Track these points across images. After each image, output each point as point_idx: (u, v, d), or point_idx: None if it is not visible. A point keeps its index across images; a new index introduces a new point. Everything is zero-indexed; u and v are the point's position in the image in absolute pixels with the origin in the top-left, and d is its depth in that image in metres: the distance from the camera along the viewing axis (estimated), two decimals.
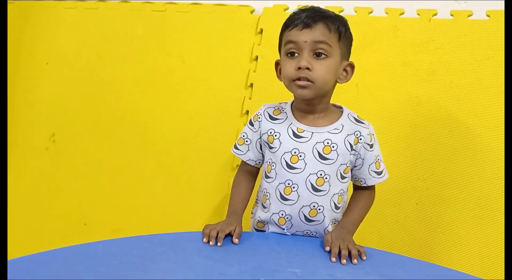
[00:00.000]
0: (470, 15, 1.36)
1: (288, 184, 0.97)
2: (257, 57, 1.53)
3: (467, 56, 1.33)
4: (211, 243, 0.88)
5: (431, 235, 1.29)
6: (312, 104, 0.98)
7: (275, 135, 0.99)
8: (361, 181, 1.02)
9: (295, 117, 1.00)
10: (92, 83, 1.72)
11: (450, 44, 1.35)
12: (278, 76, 1.01)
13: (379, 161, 1.01)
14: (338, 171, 0.97)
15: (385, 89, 1.39)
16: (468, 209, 1.27)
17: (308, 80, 0.92)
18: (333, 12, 0.96)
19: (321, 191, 0.97)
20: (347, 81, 0.99)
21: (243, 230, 0.95)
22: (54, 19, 1.82)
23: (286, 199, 0.98)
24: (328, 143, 0.96)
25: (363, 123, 0.99)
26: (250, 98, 1.50)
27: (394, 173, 1.33)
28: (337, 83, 0.99)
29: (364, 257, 0.87)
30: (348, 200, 1.05)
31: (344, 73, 0.99)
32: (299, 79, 0.93)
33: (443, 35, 1.36)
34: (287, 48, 0.94)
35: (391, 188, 1.34)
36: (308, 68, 0.91)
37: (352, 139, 0.97)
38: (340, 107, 1.03)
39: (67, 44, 1.79)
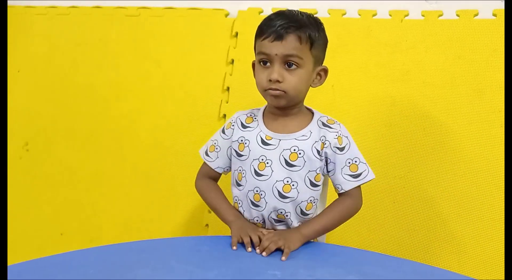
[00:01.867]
0: (441, 15, 1.39)
1: (257, 191, 0.98)
2: (233, 60, 1.53)
3: (439, 56, 1.36)
4: (249, 249, 0.88)
5: (409, 233, 1.31)
6: (285, 109, 0.99)
7: (245, 143, 1.00)
8: (338, 187, 0.99)
9: (265, 123, 1.00)
10: (65, 90, 1.69)
11: (423, 44, 1.38)
12: (254, 73, 1.01)
13: (355, 163, 0.98)
14: (307, 177, 0.97)
15: (360, 90, 1.40)
16: (443, 205, 1.29)
17: (279, 90, 0.93)
18: (307, 17, 0.95)
19: (288, 197, 0.97)
20: (320, 85, 1.00)
21: (221, 235, 0.95)
22: (25, 26, 1.78)
23: (257, 205, 0.98)
24: (294, 150, 0.96)
25: (329, 127, 0.98)
26: (227, 102, 1.50)
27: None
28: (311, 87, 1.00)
29: (283, 258, 0.85)
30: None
31: (318, 78, 0.99)
32: (270, 89, 0.94)
33: (415, 35, 1.39)
34: (260, 58, 0.95)
35: (369, 187, 1.34)
36: (278, 81, 0.92)
37: (318, 145, 0.97)
38: (312, 112, 1.03)
39: (39, 51, 1.75)
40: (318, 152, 0.96)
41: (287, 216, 0.98)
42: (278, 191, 0.96)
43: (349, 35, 1.44)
